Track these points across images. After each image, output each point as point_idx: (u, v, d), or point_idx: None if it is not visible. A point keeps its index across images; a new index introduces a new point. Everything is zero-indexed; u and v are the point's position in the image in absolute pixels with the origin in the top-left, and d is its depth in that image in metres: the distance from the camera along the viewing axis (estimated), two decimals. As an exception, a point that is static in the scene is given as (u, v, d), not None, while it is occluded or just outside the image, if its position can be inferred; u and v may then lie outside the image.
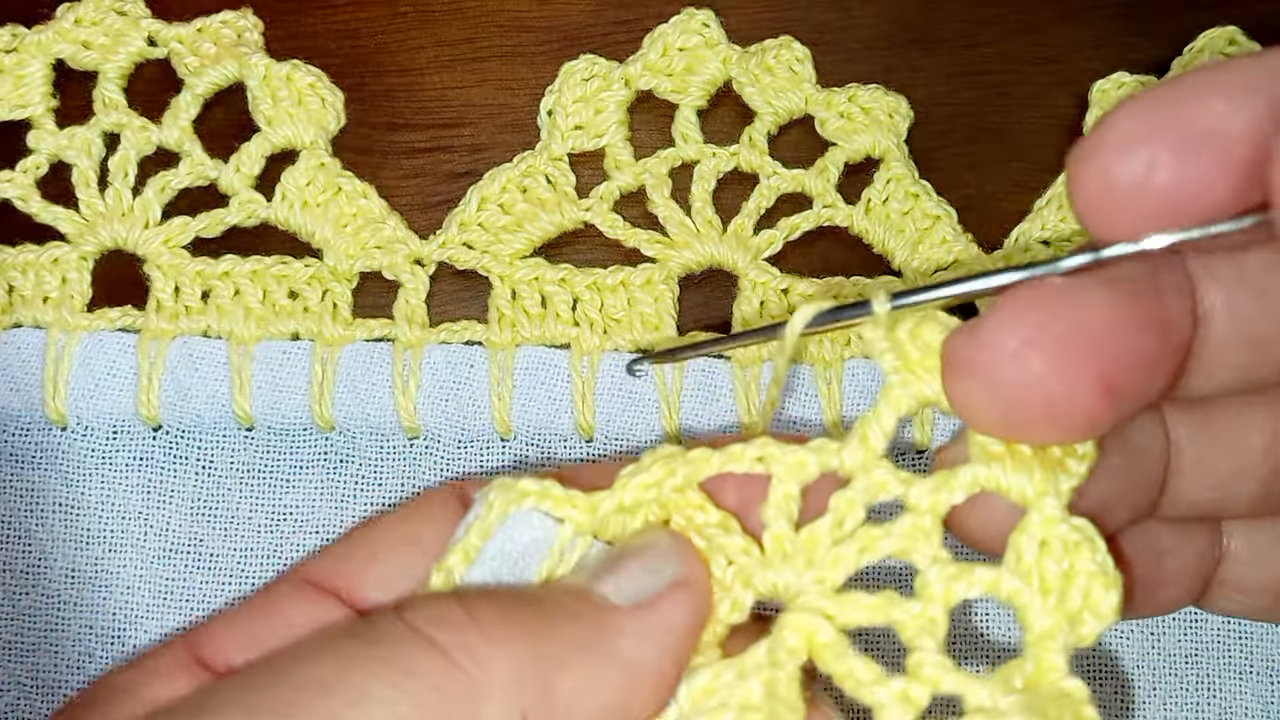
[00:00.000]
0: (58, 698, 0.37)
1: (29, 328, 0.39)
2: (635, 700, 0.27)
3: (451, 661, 0.25)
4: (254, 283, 0.40)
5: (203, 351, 0.39)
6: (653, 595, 0.27)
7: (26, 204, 0.40)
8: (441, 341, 0.39)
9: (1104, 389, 0.25)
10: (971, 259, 0.40)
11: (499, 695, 0.25)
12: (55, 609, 0.38)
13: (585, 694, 0.26)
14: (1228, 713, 0.38)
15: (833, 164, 0.41)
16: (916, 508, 0.28)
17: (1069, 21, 0.43)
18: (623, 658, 0.27)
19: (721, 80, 0.41)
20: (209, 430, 0.39)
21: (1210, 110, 0.23)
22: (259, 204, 0.40)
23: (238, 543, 0.38)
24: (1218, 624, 0.39)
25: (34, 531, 0.38)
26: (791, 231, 0.40)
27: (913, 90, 0.41)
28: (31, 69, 0.40)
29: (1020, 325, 0.25)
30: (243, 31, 0.41)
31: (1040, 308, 0.25)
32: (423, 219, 0.41)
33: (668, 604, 0.27)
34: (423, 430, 0.39)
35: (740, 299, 0.40)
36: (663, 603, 0.27)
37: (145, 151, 0.40)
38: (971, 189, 0.41)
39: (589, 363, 0.39)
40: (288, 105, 0.41)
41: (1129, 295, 0.25)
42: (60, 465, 0.38)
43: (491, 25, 0.42)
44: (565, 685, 0.26)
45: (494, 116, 0.42)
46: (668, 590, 0.28)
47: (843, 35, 0.42)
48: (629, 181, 0.41)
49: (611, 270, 0.40)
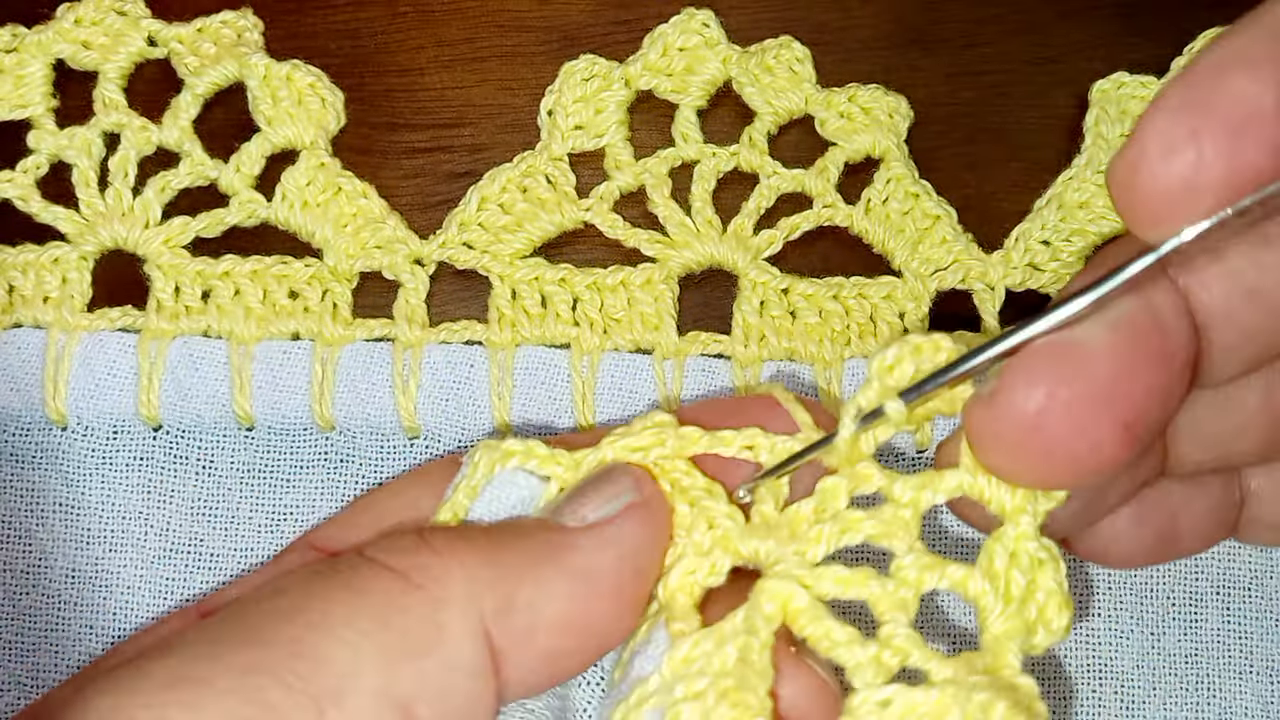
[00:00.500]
0: (58, 698, 0.37)
1: (29, 328, 0.39)
2: (596, 611, 0.28)
3: (407, 581, 0.26)
4: (254, 283, 0.40)
5: (203, 351, 0.39)
6: (608, 516, 0.29)
7: (26, 204, 0.40)
8: (441, 341, 0.39)
9: (1124, 433, 0.25)
10: (971, 258, 0.40)
11: (458, 605, 0.26)
12: (55, 609, 0.38)
13: (544, 603, 0.27)
14: (1228, 713, 0.38)
15: (833, 164, 0.41)
16: (899, 500, 0.29)
17: (1069, 21, 0.43)
18: (578, 568, 0.28)
19: (721, 80, 0.41)
20: (209, 430, 0.39)
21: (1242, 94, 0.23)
22: (259, 204, 0.40)
23: (238, 543, 0.38)
24: (1218, 624, 0.39)
25: (34, 531, 0.38)
26: (791, 231, 0.40)
27: (913, 90, 0.41)
28: (31, 69, 0.40)
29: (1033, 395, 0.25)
30: (243, 31, 0.41)
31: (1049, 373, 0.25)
32: (423, 219, 0.41)
33: (622, 520, 0.29)
34: (423, 430, 0.39)
35: (740, 299, 0.40)
36: (617, 519, 0.28)
37: (145, 151, 0.40)
38: (971, 189, 0.41)
39: (589, 363, 0.39)
40: (288, 105, 0.41)
41: (1130, 337, 0.25)
42: (60, 465, 0.38)
43: (491, 25, 0.42)
44: (523, 595, 0.27)
45: (494, 116, 0.42)
46: (623, 510, 0.29)
47: (843, 35, 0.42)
48: (629, 181, 0.41)
49: (611, 270, 0.40)
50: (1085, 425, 0.25)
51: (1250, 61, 0.23)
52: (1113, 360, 0.25)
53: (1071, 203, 0.40)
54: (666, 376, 0.39)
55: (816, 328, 0.39)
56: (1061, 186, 0.40)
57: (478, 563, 0.27)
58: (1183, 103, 0.23)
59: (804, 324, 0.40)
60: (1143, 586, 0.39)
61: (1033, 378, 0.25)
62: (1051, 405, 0.25)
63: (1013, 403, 0.25)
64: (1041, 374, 0.25)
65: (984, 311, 0.40)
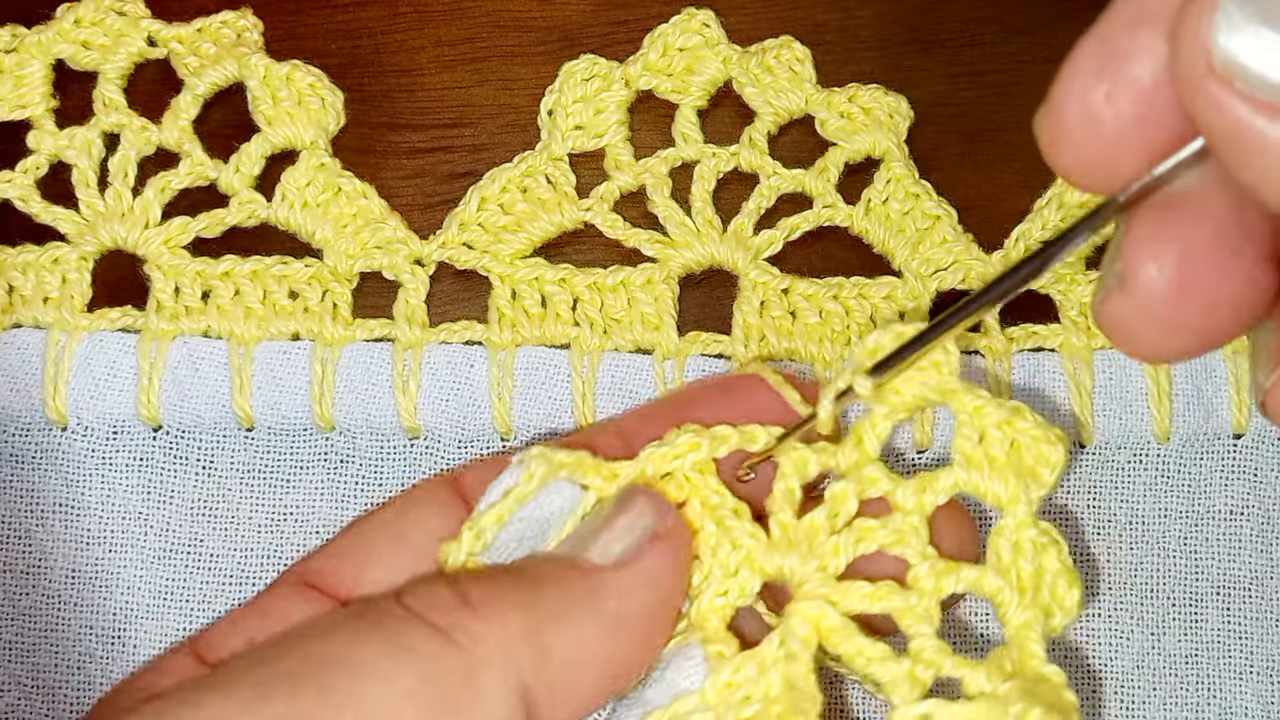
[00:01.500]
0: (58, 698, 0.37)
1: (29, 328, 0.39)
2: (628, 650, 0.29)
3: (449, 639, 0.26)
4: (254, 283, 0.40)
5: (203, 351, 0.39)
6: (634, 551, 0.29)
7: (26, 204, 0.40)
8: (441, 341, 0.39)
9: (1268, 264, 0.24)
10: (971, 259, 0.40)
11: (497, 667, 0.26)
12: (55, 609, 0.38)
13: (579, 651, 0.28)
14: (1228, 713, 0.38)
15: (833, 164, 0.41)
16: (903, 507, 0.31)
17: (1069, 21, 0.43)
18: (611, 613, 0.28)
19: (721, 80, 0.41)
20: (209, 430, 0.39)
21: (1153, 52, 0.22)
22: (259, 204, 0.40)
23: (238, 543, 0.38)
24: (1218, 624, 0.39)
25: (34, 531, 0.38)
26: (791, 231, 0.40)
27: (913, 90, 0.41)
28: (31, 69, 0.40)
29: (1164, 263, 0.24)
30: (242, 31, 0.41)
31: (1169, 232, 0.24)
32: (423, 219, 0.41)
33: (648, 557, 0.29)
34: (423, 430, 0.39)
35: (740, 299, 0.40)
36: (643, 557, 0.29)
37: (145, 151, 0.40)
38: (971, 189, 0.41)
39: (589, 363, 0.39)
40: (287, 105, 0.41)
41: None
42: (60, 465, 0.38)
43: (491, 25, 0.42)
44: (559, 647, 0.27)
45: (494, 116, 0.42)
46: (647, 545, 0.29)
47: (843, 35, 0.42)
48: (629, 181, 0.41)
49: (611, 270, 0.40)
50: (1227, 268, 0.23)
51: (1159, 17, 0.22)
52: (1224, 195, 0.23)
53: (1071, 203, 0.40)
54: (667, 377, 0.39)
55: (816, 328, 0.39)
56: (1061, 186, 0.40)
57: (515, 622, 0.27)
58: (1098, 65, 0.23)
59: (804, 324, 0.40)
60: (1143, 586, 0.39)
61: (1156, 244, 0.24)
62: (1189, 262, 0.23)
63: (1148, 278, 0.24)
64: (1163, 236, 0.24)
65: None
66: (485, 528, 0.30)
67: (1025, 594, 0.29)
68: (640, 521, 0.30)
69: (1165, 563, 0.39)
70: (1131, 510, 0.39)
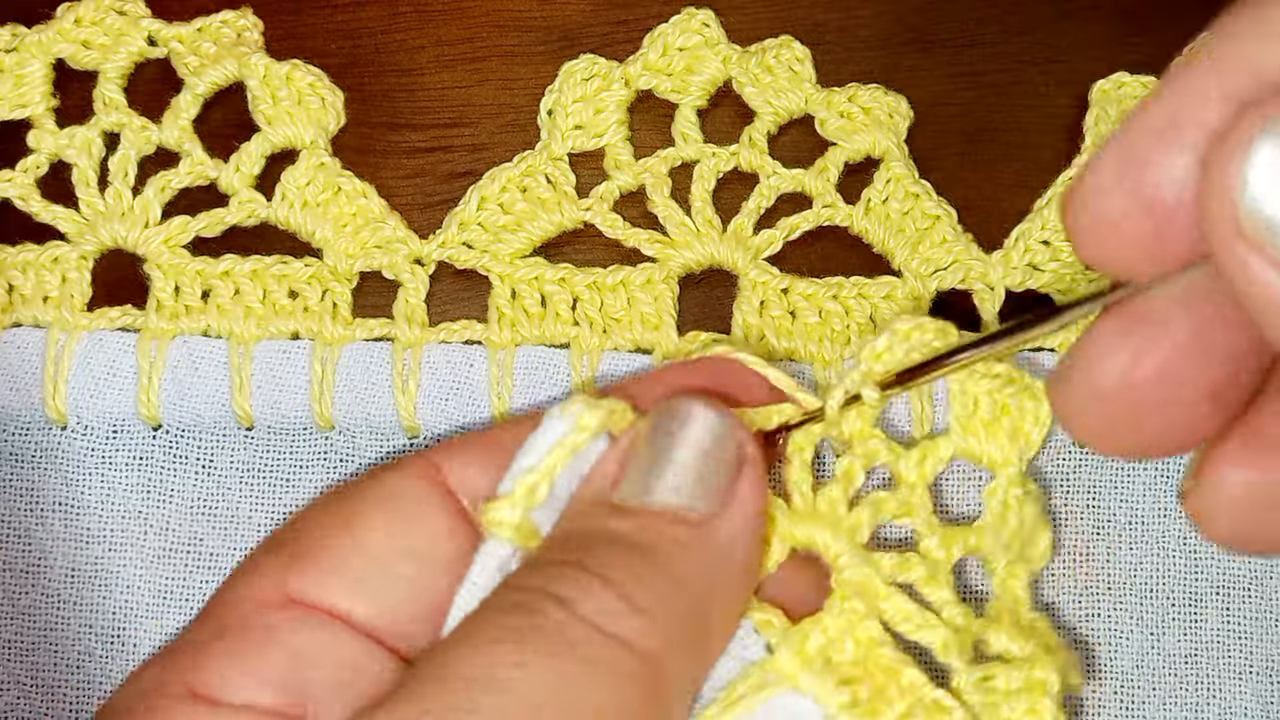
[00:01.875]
0: (58, 697, 0.37)
1: (29, 327, 0.39)
2: (750, 587, 0.30)
3: (629, 650, 0.26)
4: (254, 282, 0.40)
5: (203, 351, 0.39)
6: (728, 485, 0.29)
7: (26, 204, 0.40)
8: (441, 341, 0.39)
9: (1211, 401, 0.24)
10: (971, 258, 0.40)
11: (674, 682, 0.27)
12: (55, 608, 0.38)
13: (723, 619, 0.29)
14: (1228, 713, 0.38)
15: (833, 164, 0.41)
16: (907, 479, 0.33)
17: (1069, 21, 0.43)
18: (740, 563, 0.29)
19: (721, 80, 0.41)
20: (209, 430, 0.39)
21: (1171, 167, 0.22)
22: (259, 204, 0.40)
23: (238, 543, 0.38)
24: (1218, 624, 0.39)
25: (34, 531, 0.38)
26: (791, 231, 0.40)
27: (913, 90, 0.41)
28: (31, 69, 0.40)
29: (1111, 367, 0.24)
30: (243, 31, 0.41)
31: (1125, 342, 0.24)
32: (423, 219, 0.41)
33: (743, 484, 0.30)
34: (423, 430, 0.39)
35: (740, 299, 0.40)
36: (739, 488, 0.30)
37: (145, 151, 0.40)
38: (971, 189, 0.41)
39: (589, 362, 0.39)
40: (288, 105, 0.41)
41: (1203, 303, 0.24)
42: (60, 465, 0.38)
43: (491, 25, 0.42)
44: (715, 619, 0.29)
45: (494, 116, 0.42)
46: (738, 473, 0.30)
47: (843, 35, 0.42)
48: (629, 181, 0.41)
49: (611, 270, 0.40)
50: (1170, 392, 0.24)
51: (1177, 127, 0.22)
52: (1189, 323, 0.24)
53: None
54: (666, 376, 0.39)
55: (816, 328, 0.39)
56: (1061, 186, 0.40)
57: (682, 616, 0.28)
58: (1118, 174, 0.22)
59: (804, 324, 0.40)
60: (1143, 586, 0.39)
61: (1109, 348, 0.24)
62: (1134, 374, 0.24)
63: (1090, 377, 0.25)
64: (1118, 344, 0.24)
65: (984, 311, 0.40)
66: (536, 483, 0.30)
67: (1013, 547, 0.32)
68: (718, 449, 0.30)
69: (1165, 563, 0.39)
70: (1131, 510, 0.39)
